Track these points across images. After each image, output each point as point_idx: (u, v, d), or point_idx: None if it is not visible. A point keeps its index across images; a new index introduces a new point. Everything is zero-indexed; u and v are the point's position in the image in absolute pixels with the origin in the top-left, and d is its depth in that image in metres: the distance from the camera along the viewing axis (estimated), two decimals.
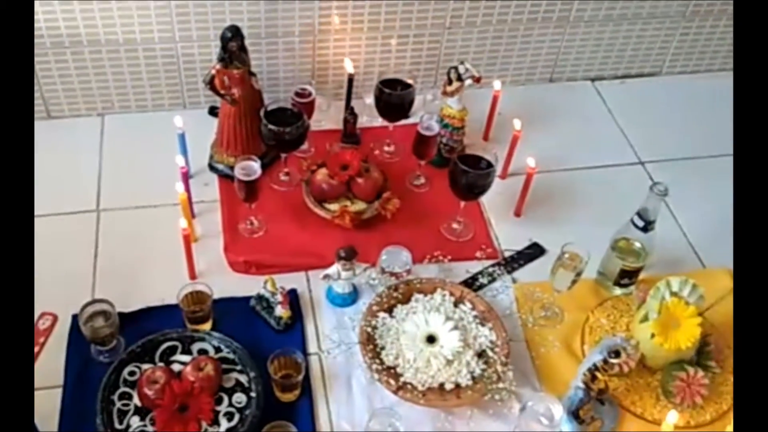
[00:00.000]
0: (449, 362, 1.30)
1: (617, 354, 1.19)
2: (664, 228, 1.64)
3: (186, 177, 1.53)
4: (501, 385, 1.28)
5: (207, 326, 1.38)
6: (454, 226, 1.61)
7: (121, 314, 1.37)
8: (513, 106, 1.80)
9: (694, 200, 1.71)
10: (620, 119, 1.93)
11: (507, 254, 1.58)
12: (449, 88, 1.65)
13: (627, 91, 2.02)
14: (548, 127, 1.87)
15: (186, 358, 1.29)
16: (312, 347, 1.41)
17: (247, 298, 1.46)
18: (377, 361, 1.31)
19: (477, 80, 1.63)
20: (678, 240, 1.65)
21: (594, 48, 1.96)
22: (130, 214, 1.60)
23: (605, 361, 1.19)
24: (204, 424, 1.21)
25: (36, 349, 1.36)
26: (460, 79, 1.63)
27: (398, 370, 1.31)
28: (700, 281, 1.39)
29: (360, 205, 1.59)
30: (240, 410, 1.24)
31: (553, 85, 2.02)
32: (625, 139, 1.88)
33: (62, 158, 1.69)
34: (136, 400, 1.23)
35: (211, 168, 1.69)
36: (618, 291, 1.52)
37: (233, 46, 1.49)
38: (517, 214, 1.67)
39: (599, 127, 1.92)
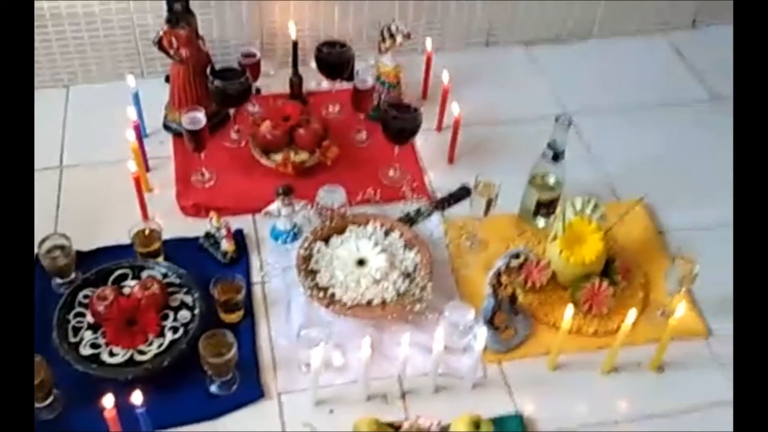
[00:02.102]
0: (377, 281, 1.44)
1: (517, 256, 1.32)
2: (585, 170, 1.80)
3: (138, 129, 1.67)
4: (422, 299, 1.41)
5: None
6: (390, 173, 1.75)
7: (79, 252, 1.50)
8: (451, 70, 1.92)
9: (613, 146, 1.87)
10: (551, 79, 2.08)
11: (439, 195, 1.72)
12: (383, 46, 1.79)
13: (559, 54, 2.17)
14: (483, 86, 2.02)
15: (135, 284, 1.42)
16: (256, 278, 1.54)
17: (197, 238, 1.59)
18: (311, 281, 1.44)
19: (407, 37, 1.77)
20: (598, 180, 1.79)
21: (526, 12, 2.11)
22: (89, 170, 1.74)
23: (507, 265, 1.33)
24: (150, 337, 1.34)
25: None
26: (392, 36, 1.77)
27: (331, 290, 1.44)
28: (613, 209, 1.53)
29: (302, 156, 1.72)
30: (184, 325, 1.37)
31: (488, 49, 2.16)
32: (554, 96, 2.02)
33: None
34: (89, 318, 1.36)
35: (166, 127, 1.82)
36: (542, 223, 1.65)
37: (178, 7, 1.64)
38: (450, 161, 1.81)
39: (531, 86, 2.06)
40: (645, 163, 1.82)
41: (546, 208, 1.61)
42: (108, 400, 1.18)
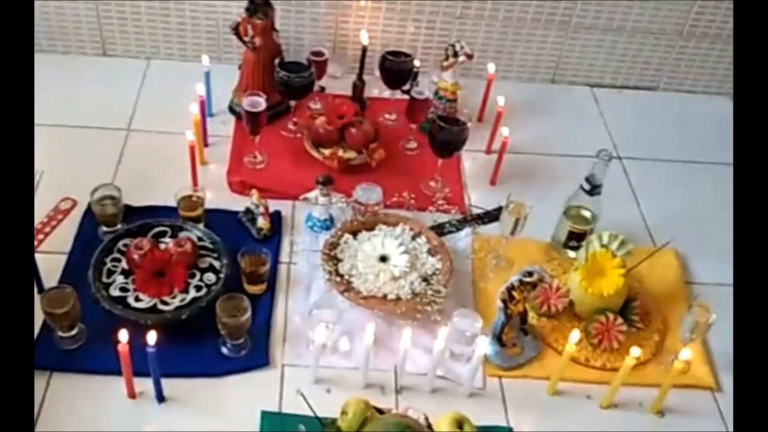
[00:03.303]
0: (395, 278, 1.49)
1: (530, 274, 1.34)
2: (626, 211, 1.81)
3: (203, 105, 1.78)
4: (436, 302, 1.45)
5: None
6: (432, 183, 1.80)
7: (128, 207, 1.61)
8: (512, 99, 1.96)
9: (658, 194, 1.87)
10: (609, 122, 2.10)
11: (475, 212, 1.76)
12: (445, 63, 1.86)
13: (622, 100, 2.19)
14: (540, 118, 2.06)
15: (172, 241, 1.51)
16: (284, 258, 1.61)
17: (237, 213, 1.68)
18: (333, 266, 1.50)
19: (469, 57, 1.83)
20: (636, 223, 1.80)
21: (594, 55, 2.14)
22: (153, 137, 1.86)
23: (520, 281, 1.35)
24: (175, 290, 1.42)
25: (53, 223, 1.61)
26: (455, 54, 1.84)
27: (350, 278, 1.50)
28: (643, 252, 1.54)
29: (350, 153, 1.80)
30: (208, 286, 1.45)
31: (553, 86, 2.20)
32: (610, 138, 2.04)
33: (108, 88, 1.98)
34: (124, 265, 1.46)
35: (231, 110, 1.93)
36: (571, 254, 1.66)
37: None
38: (492, 182, 1.85)
39: (589, 125, 2.09)
40: (687, 215, 1.81)
41: (577, 239, 1.63)
42: (123, 335, 1.26)
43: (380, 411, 1.23)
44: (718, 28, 2.10)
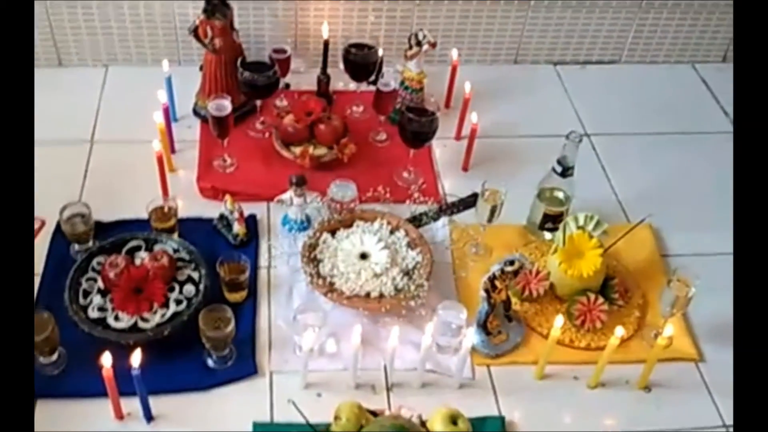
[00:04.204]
0: (377, 275, 1.48)
1: (512, 263, 1.35)
2: (598, 189, 1.83)
3: (167, 112, 1.75)
4: (419, 296, 1.45)
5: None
6: (404, 175, 1.79)
7: (99, 223, 1.58)
8: (477, 83, 1.95)
9: (628, 169, 1.89)
10: (575, 99, 2.11)
11: (449, 200, 1.76)
12: (409, 53, 1.84)
13: (585, 76, 2.20)
14: (507, 100, 2.06)
15: (147, 255, 1.49)
16: (263, 262, 1.59)
17: (212, 220, 1.65)
18: (313, 268, 1.49)
19: (433, 45, 1.82)
20: (609, 199, 1.81)
21: (555, 33, 2.14)
22: (118, 147, 1.82)
23: (502, 270, 1.36)
24: (155, 306, 1.40)
25: None
26: (419, 44, 1.82)
27: (331, 279, 1.49)
28: (619, 230, 1.55)
29: (321, 150, 1.78)
30: (188, 299, 1.43)
31: (516, 66, 2.20)
32: (576, 115, 2.05)
33: (67, 100, 1.93)
34: (100, 284, 1.43)
35: (195, 113, 1.90)
36: (547, 235, 1.67)
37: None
38: (464, 168, 1.85)
39: (555, 104, 2.09)
40: (658, 188, 1.84)
41: (552, 221, 1.64)
42: (106, 359, 1.24)
43: (373, 413, 1.23)
44: None
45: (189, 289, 1.45)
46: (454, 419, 1.19)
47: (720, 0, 2.12)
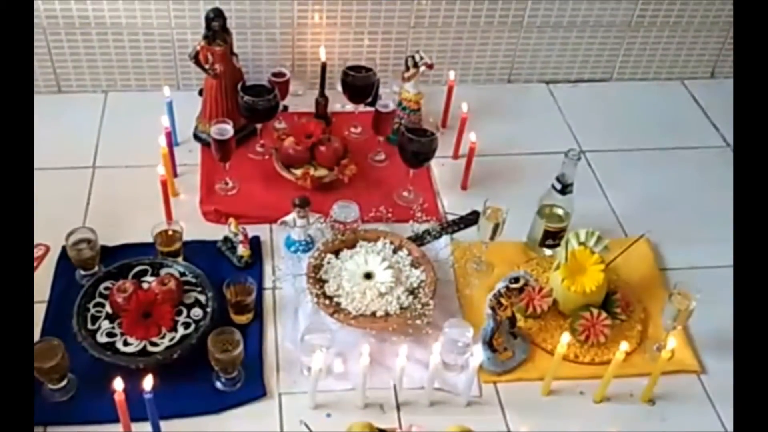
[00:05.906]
0: (381, 295, 1.50)
1: (517, 280, 1.37)
2: (595, 205, 1.86)
3: (169, 136, 1.76)
4: (425, 314, 1.47)
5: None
6: (405, 194, 1.82)
7: (104, 247, 1.59)
8: (472, 102, 1.97)
9: (623, 184, 1.92)
10: (569, 117, 2.14)
11: (450, 218, 1.78)
12: (407, 74, 1.88)
13: (578, 94, 2.24)
14: (502, 119, 2.09)
15: (154, 279, 1.50)
16: (268, 284, 1.61)
17: (216, 242, 1.66)
18: (319, 289, 1.50)
19: (430, 66, 1.85)
20: (607, 216, 1.84)
21: (547, 52, 2.18)
22: (121, 172, 1.83)
23: (507, 288, 1.38)
24: (163, 330, 1.41)
25: None
26: (416, 65, 1.86)
27: (337, 299, 1.50)
28: (618, 245, 1.58)
29: (321, 171, 1.80)
30: (196, 321, 1.44)
31: (510, 86, 2.24)
32: (570, 133, 2.09)
33: (68, 126, 1.94)
34: (107, 309, 1.44)
35: (196, 137, 1.92)
36: (547, 252, 1.70)
37: (216, 26, 1.73)
38: (464, 187, 1.87)
39: (549, 122, 2.13)
40: (654, 203, 1.87)
41: (553, 238, 1.66)
42: (118, 383, 1.24)
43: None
44: (665, 17, 2.16)
45: (196, 312, 1.46)
46: None
47: (707, 18, 2.18)
